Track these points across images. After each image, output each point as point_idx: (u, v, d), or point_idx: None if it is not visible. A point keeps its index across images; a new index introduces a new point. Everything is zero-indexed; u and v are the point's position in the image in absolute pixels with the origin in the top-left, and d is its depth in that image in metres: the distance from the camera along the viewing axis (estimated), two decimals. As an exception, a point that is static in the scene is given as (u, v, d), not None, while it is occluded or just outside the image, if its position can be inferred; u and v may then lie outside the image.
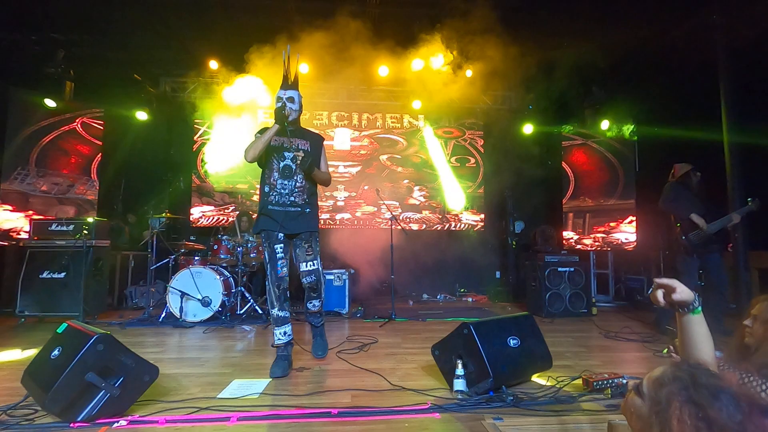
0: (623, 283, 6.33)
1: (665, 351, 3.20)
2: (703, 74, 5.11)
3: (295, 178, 2.83)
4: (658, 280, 1.27)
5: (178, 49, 6.06)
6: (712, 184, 4.33)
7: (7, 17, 5.28)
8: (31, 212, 5.69)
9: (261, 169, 2.92)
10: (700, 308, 1.23)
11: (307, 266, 2.89)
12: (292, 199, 2.82)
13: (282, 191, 2.80)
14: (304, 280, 2.90)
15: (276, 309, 2.80)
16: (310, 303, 3.00)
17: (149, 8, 5.30)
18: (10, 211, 5.64)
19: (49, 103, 5.70)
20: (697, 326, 1.23)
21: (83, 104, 6.10)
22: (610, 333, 3.99)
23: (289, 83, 2.93)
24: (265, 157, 2.85)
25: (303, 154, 2.85)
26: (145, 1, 5.22)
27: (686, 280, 3.79)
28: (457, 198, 7.42)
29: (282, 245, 2.81)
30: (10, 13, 5.21)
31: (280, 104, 2.83)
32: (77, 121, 6.13)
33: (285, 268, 2.81)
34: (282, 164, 2.82)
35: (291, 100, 2.86)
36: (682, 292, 1.22)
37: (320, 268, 2.95)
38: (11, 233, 5.57)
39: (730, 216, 3.86)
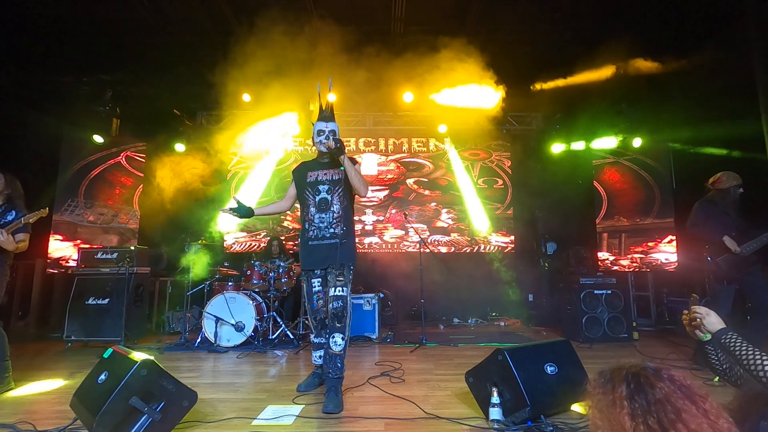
0: (666, 305, 6.02)
1: (716, 380, 3.01)
2: (741, 85, 4.95)
3: (332, 209, 2.83)
4: (696, 308, 1.48)
5: (213, 84, 6.42)
6: (756, 201, 4.08)
7: (62, 62, 5.76)
8: (79, 241, 6.05)
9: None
10: (705, 336, 1.49)
11: (335, 291, 2.80)
12: (332, 230, 2.82)
13: (320, 225, 2.82)
14: (330, 305, 2.81)
15: (313, 336, 3.03)
16: (333, 338, 2.74)
17: (185, 47, 5.69)
18: (60, 240, 6.03)
19: (98, 139, 6.13)
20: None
21: (128, 139, 6.52)
22: (655, 359, 3.79)
23: (327, 116, 2.92)
24: (300, 194, 2.95)
25: (331, 138, 2.79)
26: (180, 41, 5.61)
27: (718, 307, 3.51)
28: (483, 221, 7.35)
29: (319, 279, 2.89)
30: (64, 57, 5.69)
31: (325, 139, 2.82)
32: (122, 155, 6.55)
33: (321, 301, 2.90)
34: (318, 198, 2.85)
35: (333, 133, 2.87)
36: (710, 323, 1.44)
37: (348, 297, 2.81)
38: (61, 261, 5.93)
39: None
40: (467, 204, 7.37)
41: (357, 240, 7.20)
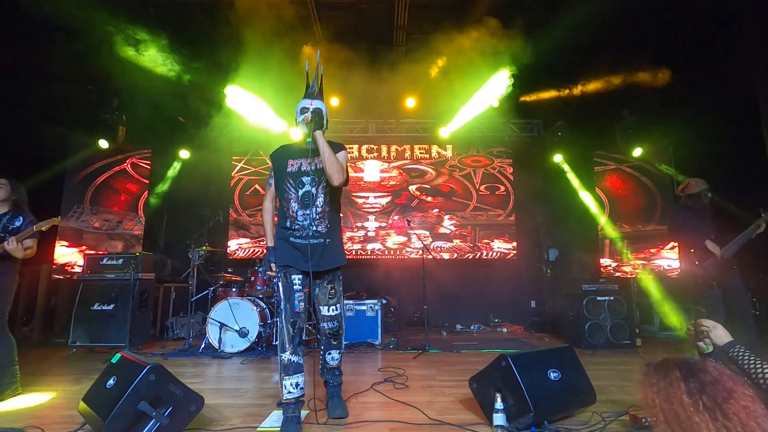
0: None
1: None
2: (742, 94, 4.99)
3: (317, 203, 2.47)
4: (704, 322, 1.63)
5: (217, 91, 6.48)
6: (753, 205, 4.11)
7: (70, 70, 5.83)
8: (84, 247, 6.09)
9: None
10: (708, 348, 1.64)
11: (329, 311, 2.54)
12: (314, 228, 2.46)
13: (304, 222, 2.46)
14: (324, 325, 2.56)
15: (288, 353, 2.37)
16: (329, 354, 2.62)
17: (191, 55, 5.76)
18: (66, 246, 6.07)
19: (102, 143, 6.15)
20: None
21: (133, 146, 6.59)
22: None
23: (315, 94, 2.55)
24: (279, 184, 2.55)
25: (311, 115, 2.40)
26: (186, 49, 5.68)
27: (714, 314, 3.53)
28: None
29: (301, 276, 2.46)
30: (70, 65, 5.76)
31: (305, 116, 2.42)
32: (127, 161, 6.62)
33: (302, 303, 2.45)
34: (301, 192, 2.48)
35: (318, 112, 2.43)
36: (717, 336, 1.59)
37: (342, 312, 2.60)
38: (66, 267, 5.97)
39: (750, 229, 3.37)
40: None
41: (360, 246, 7.29)
